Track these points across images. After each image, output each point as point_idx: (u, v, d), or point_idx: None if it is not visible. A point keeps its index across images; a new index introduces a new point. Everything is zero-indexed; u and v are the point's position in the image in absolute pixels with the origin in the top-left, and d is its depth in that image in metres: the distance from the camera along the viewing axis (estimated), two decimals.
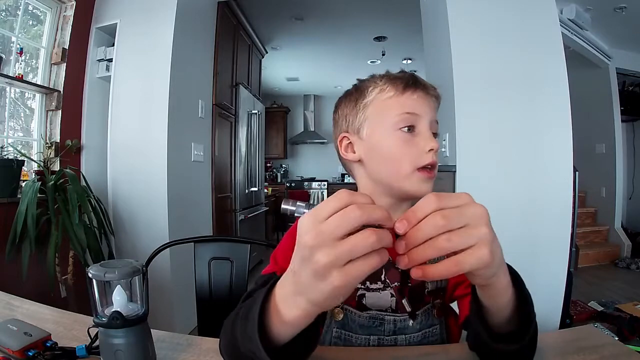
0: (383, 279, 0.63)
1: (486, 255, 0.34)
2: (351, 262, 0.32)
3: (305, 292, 0.35)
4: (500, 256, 0.37)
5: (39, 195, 1.71)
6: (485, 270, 0.36)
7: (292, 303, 0.37)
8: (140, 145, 2.18)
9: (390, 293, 0.62)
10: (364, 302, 0.62)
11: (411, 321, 0.61)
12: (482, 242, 0.34)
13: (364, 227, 0.33)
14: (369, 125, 0.64)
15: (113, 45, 2.32)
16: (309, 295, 0.35)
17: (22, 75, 2.01)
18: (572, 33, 3.32)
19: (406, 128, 0.61)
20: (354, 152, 0.66)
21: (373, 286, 0.62)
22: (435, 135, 0.63)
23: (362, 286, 0.62)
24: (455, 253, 0.34)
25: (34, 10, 2.23)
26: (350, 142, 0.66)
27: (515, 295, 0.43)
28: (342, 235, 0.32)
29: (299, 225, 0.35)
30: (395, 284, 0.62)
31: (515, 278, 0.44)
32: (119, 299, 0.51)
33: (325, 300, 0.35)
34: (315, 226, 0.33)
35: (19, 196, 1.79)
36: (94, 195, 2.00)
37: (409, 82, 0.63)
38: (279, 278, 0.41)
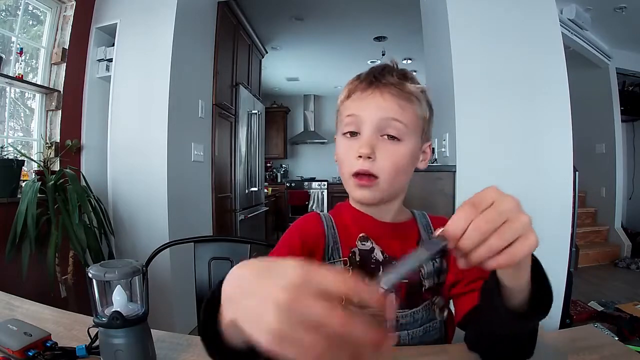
0: None
1: (534, 240, 0.36)
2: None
3: (235, 306, 0.30)
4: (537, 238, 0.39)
5: (39, 195, 1.71)
6: (529, 254, 0.37)
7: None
8: (140, 145, 2.18)
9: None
10: None
11: (408, 311, 0.61)
12: (527, 230, 0.36)
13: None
14: (337, 130, 0.67)
15: (113, 45, 2.32)
16: (236, 312, 0.29)
17: (22, 75, 2.01)
18: (572, 33, 3.32)
19: (349, 133, 0.62)
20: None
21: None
22: (392, 137, 0.59)
23: None
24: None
25: (34, 10, 2.23)
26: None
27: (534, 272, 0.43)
28: (309, 324, 0.25)
29: (291, 264, 0.28)
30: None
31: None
32: (119, 299, 0.51)
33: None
34: (300, 287, 0.26)
35: (19, 196, 1.79)
36: (94, 195, 2.00)
37: (361, 80, 0.63)
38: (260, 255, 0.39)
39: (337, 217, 0.69)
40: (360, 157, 0.58)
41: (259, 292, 0.28)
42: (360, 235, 0.65)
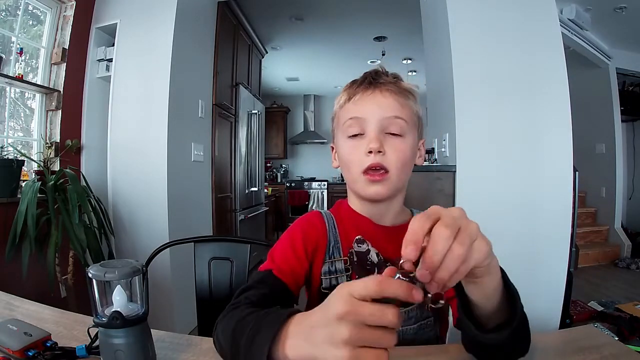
0: None
1: (485, 245, 0.36)
2: (364, 347, 0.33)
3: (313, 350, 0.37)
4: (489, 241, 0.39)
5: (39, 195, 1.71)
6: (486, 259, 0.37)
7: (297, 348, 0.39)
8: (140, 145, 2.18)
9: None
10: None
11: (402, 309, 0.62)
12: (478, 236, 0.36)
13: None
14: (336, 135, 0.70)
15: (113, 45, 2.32)
16: (314, 352, 0.36)
17: (22, 75, 2.01)
18: (572, 33, 3.32)
19: (353, 133, 0.64)
20: (336, 160, 0.72)
21: None
22: (394, 134, 0.62)
23: None
24: None
25: (34, 10, 2.22)
26: (335, 152, 0.72)
27: (502, 283, 0.44)
28: (371, 324, 0.33)
29: (335, 292, 0.36)
30: None
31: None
32: (119, 299, 0.51)
33: None
34: (351, 301, 0.34)
35: (19, 196, 1.79)
36: (94, 195, 2.00)
37: (359, 84, 0.66)
38: (296, 311, 0.42)
39: (337, 215, 0.71)
40: (370, 152, 0.61)
41: (312, 323, 0.38)
42: (357, 237, 0.67)
